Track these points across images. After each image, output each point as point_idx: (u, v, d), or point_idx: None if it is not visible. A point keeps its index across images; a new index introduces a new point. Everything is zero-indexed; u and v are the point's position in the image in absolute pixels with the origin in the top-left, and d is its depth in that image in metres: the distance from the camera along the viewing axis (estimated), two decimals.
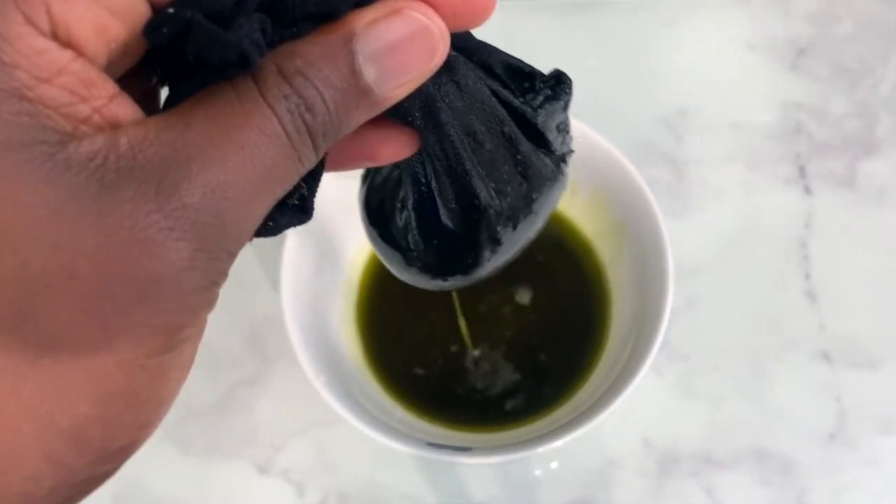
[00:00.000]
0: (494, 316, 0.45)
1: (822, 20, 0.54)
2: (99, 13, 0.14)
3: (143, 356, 0.15)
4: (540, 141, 0.22)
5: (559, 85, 0.21)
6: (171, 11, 0.15)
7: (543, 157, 0.22)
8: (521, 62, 0.21)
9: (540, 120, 0.21)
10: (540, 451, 0.36)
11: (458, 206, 0.21)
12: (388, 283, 0.45)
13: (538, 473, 0.43)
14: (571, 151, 0.23)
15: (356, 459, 0.44)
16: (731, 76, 0.53)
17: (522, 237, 0.23)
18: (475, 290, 0.43)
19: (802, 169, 0.50)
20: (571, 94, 0.22)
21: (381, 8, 0.16)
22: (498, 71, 0.20)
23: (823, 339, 0.46)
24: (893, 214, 0.49)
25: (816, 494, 0.43)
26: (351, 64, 0.16)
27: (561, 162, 0.23)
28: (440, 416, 0.42)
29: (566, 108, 0.22)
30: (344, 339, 0.43)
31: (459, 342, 0.44)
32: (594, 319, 0.44)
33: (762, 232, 0.48)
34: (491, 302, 0.45)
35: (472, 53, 0.20)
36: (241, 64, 0.15)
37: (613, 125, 0.43)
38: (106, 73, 0.15)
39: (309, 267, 0.41)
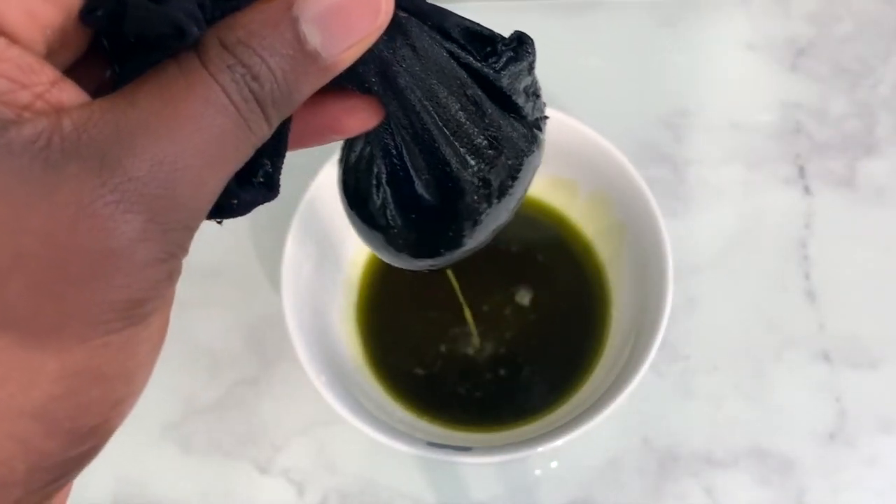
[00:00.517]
0: (495, 316, 0.45)
1: (821, 20, 0.54)
2: None
3: (103, 332, 0.15)
4: (508, 105, 0.21)
5: (521, 46, 0.21)
6: None
7: (514, 122, 0.21)
8: (479, 25, 0.20)
9: (505, 83, 0.21)
10: (540, 450, 0.36)
11: (430, 175, 0.21)
12: (388, 282, 0.46)
13: (538, 473, 0.43)
14: (546, 117, 0.23)
15: (356, 459, 0.44)
16: (731, 76, 0.53)
17: (503, 207, 0.23)
18: (475, 290, 0.43)
19: (802, 169, 0.50)
20: (534, 54, 0.21)
21: None
22: (455, 34, 0.20)
23: (823, 338, 0.46)
24: (893, 214, 0.49)
25: (816, 494, 0.43)
26: (294, 29, 0.16)
27: (535, 128, 0.22)
28: (440, 415, 0.42)
29: (531, 69, 0.21)
30: (344, 338, 0.43)
31: (459, 342, 0.44)
32: (594, 319, 0.44)
33: (762, 232, 0.48)
34: (491, 302, 0.45)
35: (425, 17, 0.19)
36: (177, 36, 0.15)
37: (613, 125, 0.43)
38: (51, 61, 0.15)
39: (309, 267, 0.41)
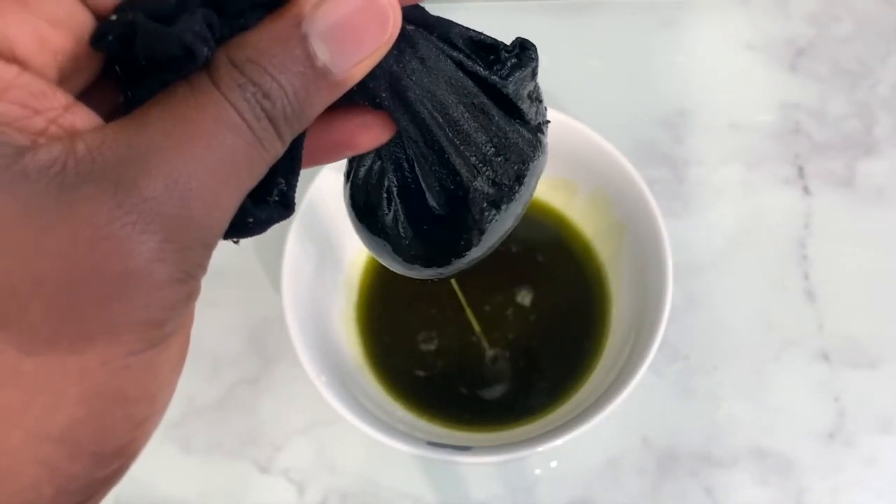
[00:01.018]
0: (495, 316, 0.45)
1: (821, 20, 0.54)
2: (38, 25, 0.15)
3: (124, 354, 0.15)
4: (514, 112, 0.21)
5: (524, 52, 0.21)
6: (113, 18, 0.15)
7: (520, 127, 0.22)
8: (482, 34, 0.21)
9: (511, 89, 0.21)
10: (540, 450, 0.36)
11: (441, 186, 0.21)
12: (388, 283, 0.46)
13: (538, 473, 0.43)
14: (547, 121, 0.23)
15: (356, 459, 0.44)
16: (730, 76, 0.53)
17: (510, 213, 0.23)
18: (476, 291, 0.43)
19: (801, 169, 0.50)
20: (537, 60, 0.21)
21: None
22: (460, 44, 0.20)
23: (822, 338, 0.46)
24: (892, 214, 0.49)
25: (815, 494, 0.43)
26: (304, 46, 0.16)
27: (538, 132, 0.23)
28: (440, 415, 0.42)
29: (534, 75, 0.22)
30: (344, 338, 0.43)
31: (460, 342, 0.44)
32: (594, 319, 0.44)
33: (761, 232, 0.48)
34: (491, 303, 0.45)
35: (431, 29, 0.20)
36: (187, 57, 0.15)
37: (613, 125, 0.43)
38: (63, 86, 0.15)
39: (309, 267, 0.41)
